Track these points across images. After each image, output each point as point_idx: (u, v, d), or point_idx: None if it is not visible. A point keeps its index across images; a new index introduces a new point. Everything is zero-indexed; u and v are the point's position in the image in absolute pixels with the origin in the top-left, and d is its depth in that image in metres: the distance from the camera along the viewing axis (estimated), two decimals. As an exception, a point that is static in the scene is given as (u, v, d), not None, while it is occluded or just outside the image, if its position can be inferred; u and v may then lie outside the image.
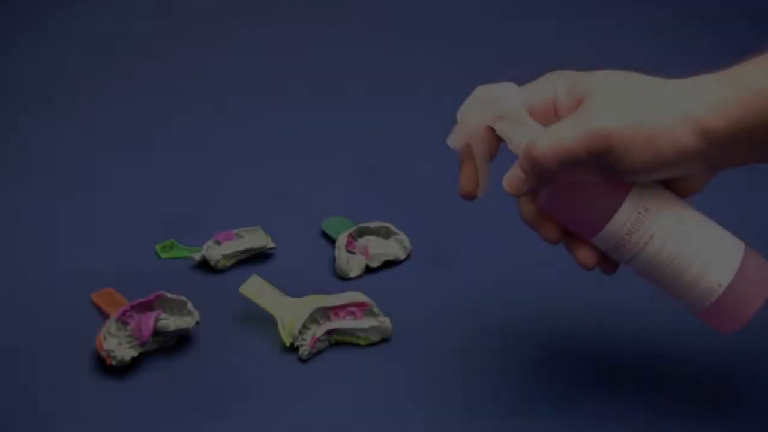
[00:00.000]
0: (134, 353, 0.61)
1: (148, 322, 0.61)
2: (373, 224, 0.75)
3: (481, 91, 0.51)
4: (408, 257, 0.74)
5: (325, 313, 0.64)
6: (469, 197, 0.54)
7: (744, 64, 0.47)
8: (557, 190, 0.51)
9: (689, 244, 0.50)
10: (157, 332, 0.62)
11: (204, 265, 0.73)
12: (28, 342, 0.65)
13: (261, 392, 0.60)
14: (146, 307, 0.64)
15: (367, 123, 0.97)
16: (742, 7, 1.26)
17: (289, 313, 0.64)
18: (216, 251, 0.72)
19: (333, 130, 0.96)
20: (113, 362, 0.60)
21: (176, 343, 0.64)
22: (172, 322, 0.62)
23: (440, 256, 0.75)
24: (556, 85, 0.51)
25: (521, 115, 0.50)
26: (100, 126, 0.98)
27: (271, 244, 0.74)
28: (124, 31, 1.26)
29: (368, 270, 0.73)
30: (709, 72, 0.48)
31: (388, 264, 0.74)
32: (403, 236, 0.74)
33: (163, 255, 0.74)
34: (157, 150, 0.93)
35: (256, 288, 0.66)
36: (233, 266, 0.73)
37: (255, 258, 0.74)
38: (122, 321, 0.62)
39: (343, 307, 0.64)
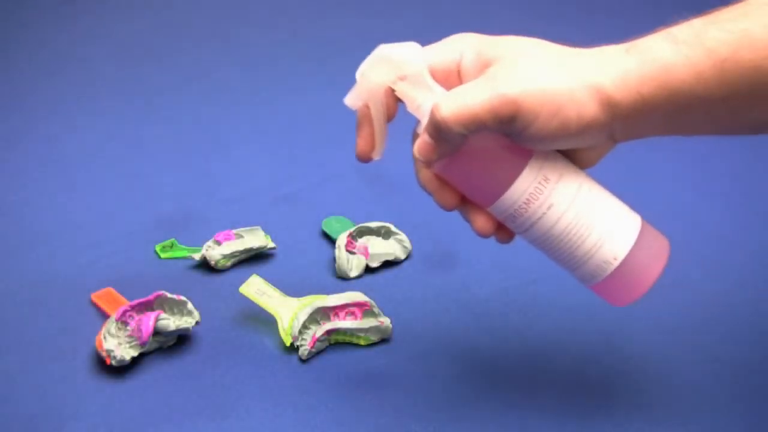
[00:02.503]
0: (134, 353, 0.61)
1: (148, 322, 0.61)
2: (373, 224, 0.75)
3: (383, 50, 0.49)
4: (408, 257, 0.74)
5: (325, 313, 0.64)
6: (366, 159, 0.53)
7: (650, 36, 0.46)
8: (456, 155, 0.49)
9: (586, 216, 0.49)
10: (157, 332, 0.62)
11: (204, 265, 0.73)
12: (28, 342, 0.65)
13: (261, 392, 0.60)
14: (146, 307, 0.64)
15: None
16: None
17: (289, 313, 0.64)
18: (216, 251, 0.72)
19: (333, 130, 0.96)
20: (113, 362, 0.60)
21: (176, 343, 0.64)
22: (172, 322, 0.62)
23: (440, 256, 0.75)
24: (462, 47, 0.49)
25: (423, 76, 0.48)
26: (100, 126, 0.98)
27: (271, 244, 0.74)
28: (125, 31, 1.26)
29: (368, 270, 0.73)
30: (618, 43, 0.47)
31: (388, 264, 0.73)
32: (403, 236, 0.74)
33: (163, 255, 0.74)
34: (157, 150, 0.93)
35: (256, 288, 0.66)
36: (233, 266, 0.73)
37: (255, 258, 0.74)
38: (122, 321, 0.62)
39: (343, 307, 0.64)
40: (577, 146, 0.49)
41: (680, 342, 0.64)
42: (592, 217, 0.49)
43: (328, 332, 0.63)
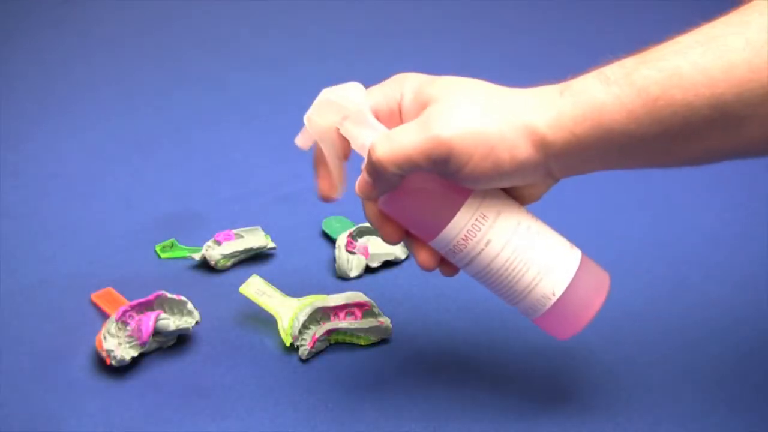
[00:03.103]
0: (134, 353, 0.61)
1: (148, 322, 0.61)
2: (373, 224, 0.75)
3: (326, 94, 0.51)
4: (408, 257, 0.74)
5: (325, 313, 0.64)
6: (329, 199, 0.54)
7: (584, 76, 0.47)
8: (397, 193, 0.50)
9: (525, 251, 0.50)
10: (157, 332, 0.62)
11: (204, 265, 0.73)
12: (28, 342, 0.65)
13: (261, 392, 0.60)
14: (146, 307, 0.64)
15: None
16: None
17: (289, 313, 0.64)
18: (216, 251, 0.72)
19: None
20: (113, 362, 0.60)
21: (176, 343, 0.64)
22: (172, 322, 0.62)
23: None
24: (402, 87, 0.50)
25: (365, 115, 0.50)
26: (101, 125, 0.98)
27: (271, 244, 0.74)
28: (124, 31, 1.26)
29: (368, 270, 0.73)
30: (553, 83, 0.48)
31: (388, 264, 0.73)
32: (403, 236, 0.74)
33: (163, 255, 0.74)
34: (157, 150, 0.93)
35: (256, 288, 0.66)
36: (233, 266, 0.73)
37: (255, 258, 0.74)
38: (122, 321, 0.62)
39: (343, 307, 0.64)
40: (514, 184, 0.49)
41: (681, 342, 0.64)
42: (531, 254, 0.50)
43: (328, 332, 0.63)
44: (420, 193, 0.50)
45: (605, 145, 0.46)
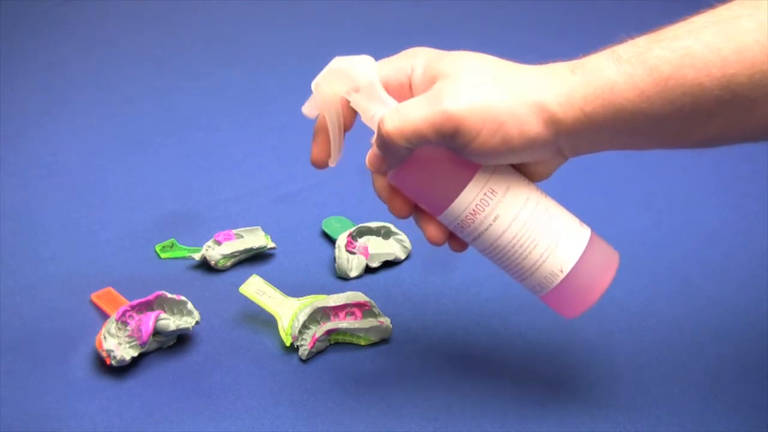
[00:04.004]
0: (134, 353, 0.61)
1: (148, 322, 0.61)
2: (373, 224, 0.75)
3: (337, 62, 0.51)
4: (408, 257, 0.74)
5: (325, 313, 0.64)
6: (320, 166, 0.54)
7: (596, 55, 0.47)
8: (406, 166, 0.51)
9: (533, 228, 0.50)
10: (157, 332, 0.62)
11: (204, 265, 0.73)
12: (28, 342, 0.65)
13: (261, 392, 0.60)
14: (146, 307, 0.64)
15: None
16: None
17: (289, 313, 0.64)
18: (216, 251, 0.72)
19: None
20: (113, 362, 0.60)
21: (176, 343, 0.64)
22: (172, 322, 0.62)
23: (440, 256, 0.75)
24: (413, 61, 0.50)
25: (375, 88, 0.50)
26: (101, 125, 0.98)
27: (271, 244, 0.74)
28: (124, 32, 1.26)
29: (368, 270, 0.73)
30: (565, 60, 0.48)
31: (388, 264, 0.73)
32: (403, 236, 0.74)
33: (163, 255, 0.74)
34: (157, 150, 0.93)
35: (256, 288, 0.66)
36: (233, 266, 0.73)
37: (255, 258, 0.74)
38: (122, 321, 0.62)
39: (343, 307, 0.64)
40: (523, 161, 0.49)
41: (681, 341, 0.64)
42: (539, 230, 0.50)
43: (328, 332, 0.63)
44: (429, 167, 0.50)
45: (616, 124, 0.46)
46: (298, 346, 0.63)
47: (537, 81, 0.46)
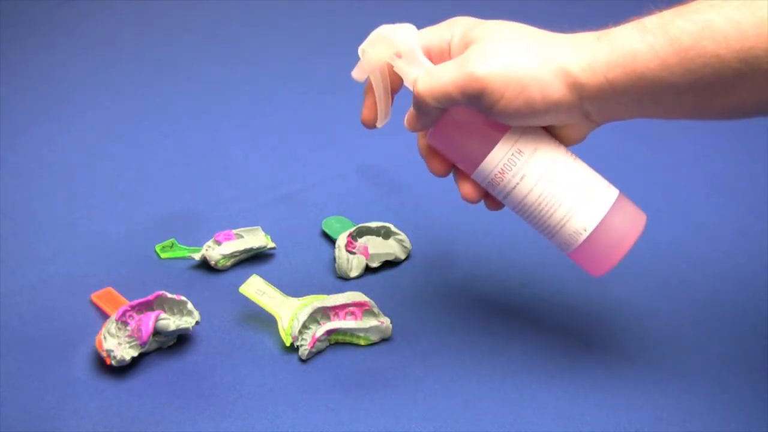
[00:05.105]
0: (134, 353, 0.61)
1: (148, 322, 0.61)
2: (373, 224, 0.75)
3: (381, 30, 0.55)
4: (408, 257, 0.74)
5: (325, 313, 0.64)
6: (369, 126, 0.57)
7: (622, 25, 0.49)
8: (441, 126, 0.55)
9: (558, 187, 0.53)
10: (157, 332, 0.62)
11: (204, 265, 0.73)
12: (28, 342, 0.65)
13: (261, 392, 0.60)
14: (146, 307, 0.64)
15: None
16: None
17: (289, 313, 0.64)
18: (216, 251, 0.72)
19: (333, 130, 0.96)
20: (113, 362, 0.60)
21: (176, 343, 0.64)
22: (172, 322, 0.62)
23: (440, 256, 0.75)
24: (453, 29, 0.54)
25: (416, 54, 0.53)
26: (101, 125, 0.98)
27: (271, 244, 0.74)
28: (124, 31, 1.26)
29: (368, 270, 0.73)
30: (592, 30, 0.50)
31: (388, 264, 0.73)
32: (403, 236, 0.74)
33: (163, 255, 0.74)
34: (157, 150, 0.93)
35: (256, 288, 0.66)
36: (233, 266, 0.73)
37: (255, 258, 0.74)
38: (122, 321, 0.62)
39: (343, 307, 0.64)
40: (551, 123, 0.52)
41: (680, 341, 0.64)
42: (564, 190, 0.53)
43: (328, 332, 0.63)
44: (461, 127, 0.54)
45: (638, 92, 0.48)
46: (298, 346, 0.63)
47: (562, 48, 0.49)
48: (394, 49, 0.54)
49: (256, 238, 0.74)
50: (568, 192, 0.53)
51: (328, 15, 1.32)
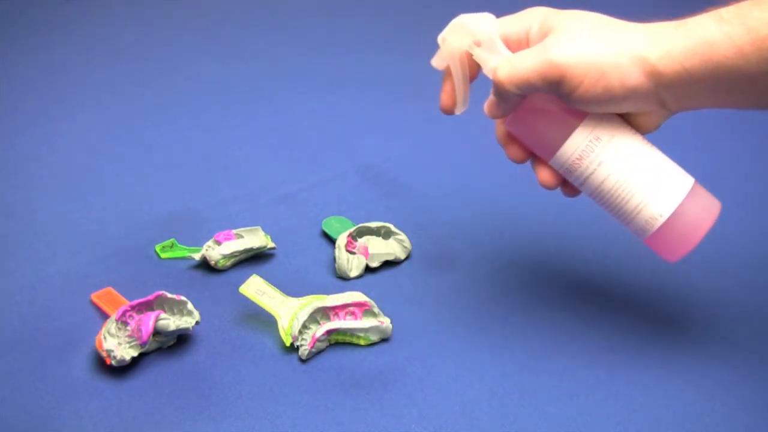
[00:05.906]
0: (134, 353, 0.61)
1: (148, 322, 0.61)
2: (373, 224, 0.75)
3: (461, 19, 0.56)
4: (408, 257, 0.74)
5: (325, 313, 0.64)
6: (448, 112, 0.59)
7: (700, 15, 0.50)
8: (520, 113, 0.56)
9: (635, 174, 0.54)
10: (157, 332, 0.62)
11: (204, 265, 0.73)
12: (28, 342, 0.65)
13: (261, 392, 0.60)
14: (146, 307, 0.64)
15: (368, 122, 0.97)
16: None
17: (289, 313, 0.64)
18: (216, 251, 0.72)
19: (333, 130, 0.96)
20: (113, 362, 0.60)
21: (176, 343, 0.64)
22: (172, 322, 0.62)
23: (440, 256, 0.75)
24: (531, 19, 0.55)
25: (494, 42, 0.55)
26: (101, 125, 0.98)
27: (271, 244, 0.74)
28: (124, 31, 1.26)
29: (368, 270, 0.73)
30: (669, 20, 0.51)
31: (388, 264, 0.73)
32: (403, 236, 0.74)
33: (163, 255, 0.74)
34: (157, 150, 0.93)
35: (256, 288, 0.66)
36: (233, 266, 0.73)
37: (255, 258, 0.74)
38: (122, 321, 0.62)
39: (343, 307, 0.64)
40: (628, 110, 0.54)
41: (680, 341, 0.64)
42: (640, 176, 0.54)
43: (328, 332, 0.63)
44: (540, 113, 0.55)
45: (715, 80, 0.49)
46: (298, 346, 0.63)
47: (640, 36, 0.51)
48: (473, 37, 0.55)
49: (256, 238, 0.74)
50: (645, 178, 0.54)
51: (328, 15, 1.32)
